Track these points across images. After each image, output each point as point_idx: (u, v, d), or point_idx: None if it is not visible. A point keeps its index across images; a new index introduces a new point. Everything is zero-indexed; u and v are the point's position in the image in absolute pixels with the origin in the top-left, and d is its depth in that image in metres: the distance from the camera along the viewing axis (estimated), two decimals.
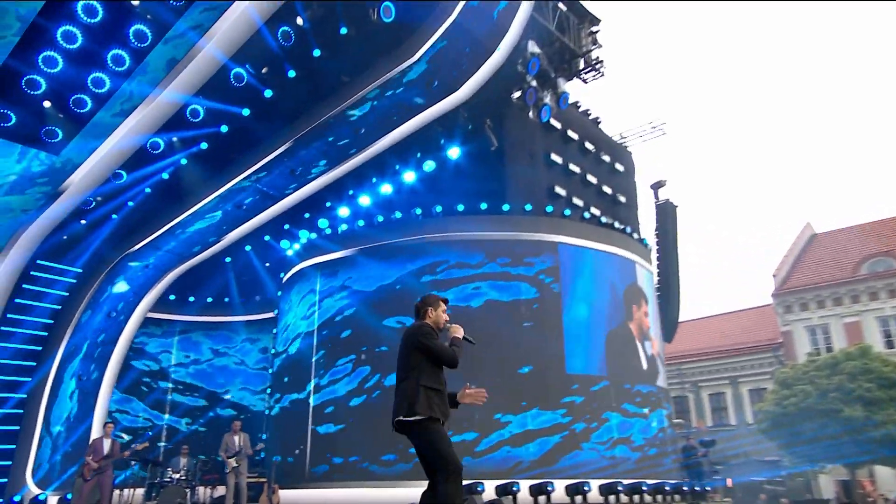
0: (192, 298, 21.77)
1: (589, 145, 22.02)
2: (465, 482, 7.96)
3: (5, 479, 17.65)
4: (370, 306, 17.82)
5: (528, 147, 19.95)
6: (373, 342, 17.47)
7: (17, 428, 18.10)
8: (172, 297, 21.46)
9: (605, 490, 14.18)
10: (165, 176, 16.47)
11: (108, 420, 16.38)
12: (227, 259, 21.27)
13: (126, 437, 19.29)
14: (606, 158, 22.86)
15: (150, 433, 20.48)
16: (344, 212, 19.46)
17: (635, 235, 20.98)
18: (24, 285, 17.28)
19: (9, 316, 17.47)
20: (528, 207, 18.65)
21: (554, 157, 20.56)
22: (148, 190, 16.66)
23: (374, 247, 18.36)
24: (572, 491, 13.53)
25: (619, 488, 14.24)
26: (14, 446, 17.98)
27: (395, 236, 18.25)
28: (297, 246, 20.39)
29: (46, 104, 13.15)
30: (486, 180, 18.71)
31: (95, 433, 18.26)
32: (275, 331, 21.08)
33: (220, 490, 15.83)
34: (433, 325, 5.76)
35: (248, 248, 21.04)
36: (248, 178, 17.19)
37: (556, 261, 18.06)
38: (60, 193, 15.44)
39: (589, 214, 20.46)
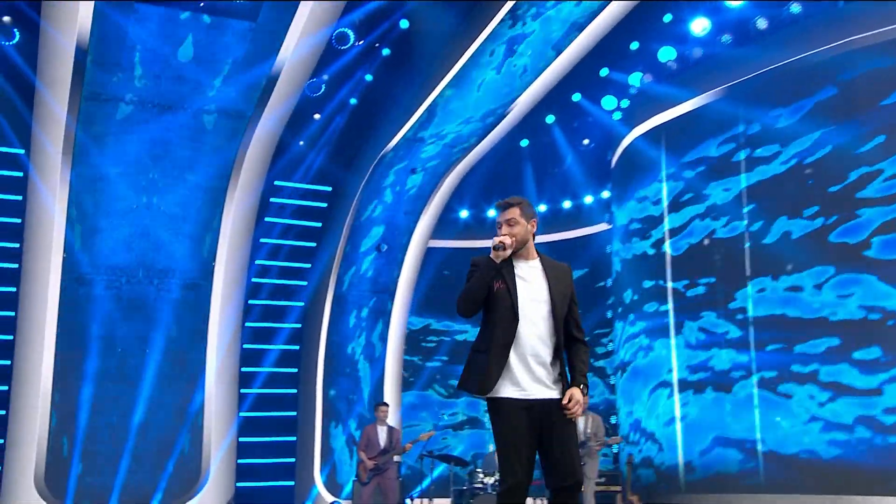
0: (464, 214, 15.81)
1: None
2: None
3: (292, 482, 13.66)
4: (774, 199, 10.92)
5: None
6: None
7: (294, 414, 13.95)
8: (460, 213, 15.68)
9: None
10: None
11: (382, 401, 11.92)
12: (524, 142, 14.98)
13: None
14: None
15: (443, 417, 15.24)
16: (700, 25, 12.08)
17: None
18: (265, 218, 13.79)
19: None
20: None
21: None
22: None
23: (769, 74, 11.16)
24: None
25: None
26: (295, 437, 13.86)
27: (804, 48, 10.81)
28: (626, 102, 13.66)
29: None
30: None
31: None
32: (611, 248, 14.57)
33: None
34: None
35: (549, 119, 14.50)
36: None
37: None
38: None
39: None
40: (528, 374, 3.73)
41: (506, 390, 3.73)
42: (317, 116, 13.37)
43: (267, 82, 12.06)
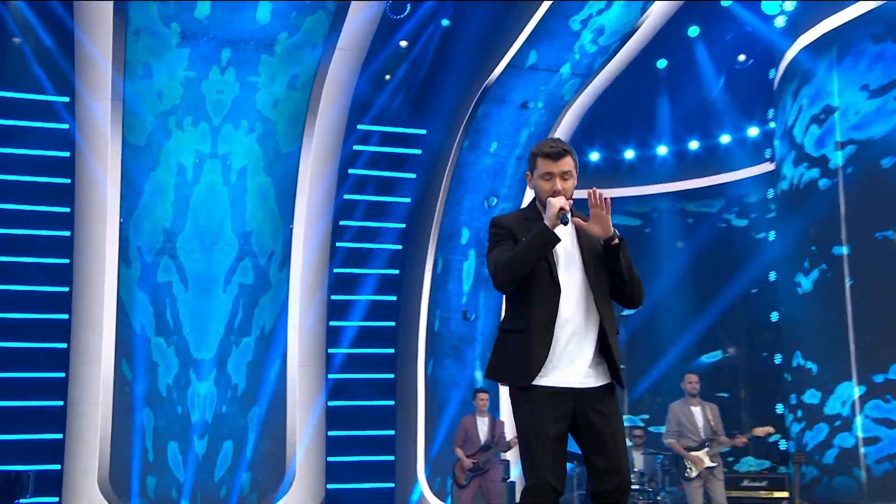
0: (595, 156, 13.14)
1: None
2: None
3: (391, 484, 11.65)
4: None
5: None
6: None
7: (392, 403, 11.91)
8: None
9: None
10: None
11: (480, 387, 9.80)
12: (661, 63, 12.22)
13: None
14: None
15: None
16: None
17: None
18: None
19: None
20: None
21: None
22: None
23: None
24: None
25: None
26: (392, 432, 11.83)
27: None
28: (788, 4, 10.75)
29: None
30: None
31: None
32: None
33: None
34: (533, 202, 3.36)
35: (693, 31, 11.68)
36: None
37: None
38: None
39: None
40: (567, 359, 3.22)
41: (544, 377, 3.21)
42: (403, 44, 11.21)
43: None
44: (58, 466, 10.33)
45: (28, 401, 10.28)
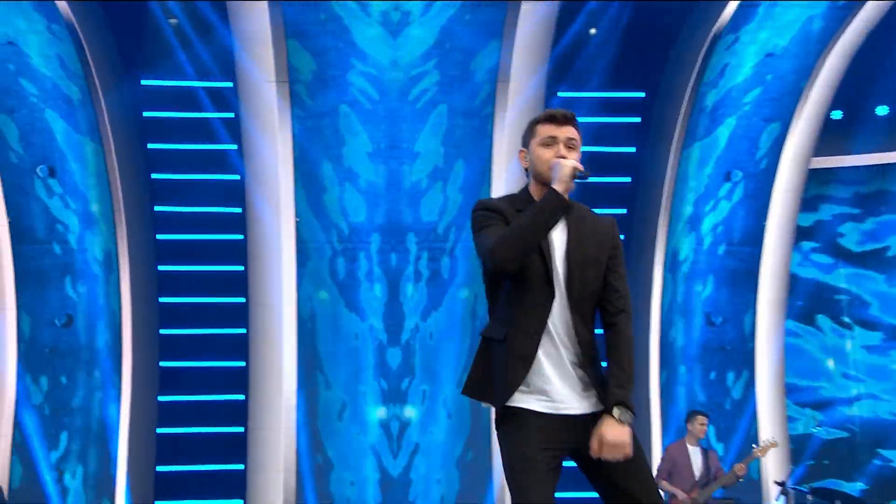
0: (883, 111, 10.31)
1: None
2: None
3: None
4: None
5: None
6: None
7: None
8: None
9: None
10: None
11: (698, 409, 8.15)
12: None
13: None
14: None
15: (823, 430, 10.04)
16: None
17: None
18: None
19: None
20: None
21: None
22: None
23: None
24: None
25: None
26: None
27: None
28: None
29: None
30: None
31: None
32: None
33: None
34: (530, 187, 2.92)
35: None
36: None
37: None
38: None
39: None
40: (560, 375, 2.77)
41: (529, 399, 2.76)
42: None
43: None
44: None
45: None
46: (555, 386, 2.76)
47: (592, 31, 9.43)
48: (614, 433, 2.68)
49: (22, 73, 8.87)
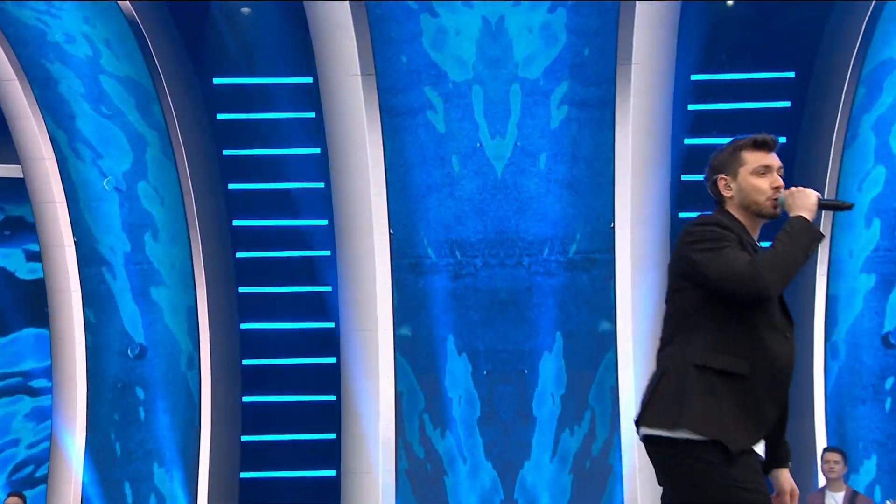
0: None
1: None
2: None
3: None
4: None
5: None
6: None
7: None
8: None
9: None
10: None
11: (831, 447, 7.51)
12: None
13: None
14: None
15: None
16: None
17: None
18: None
19: None
20: None
21: None
22: None
23: None
24: None
25: None
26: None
27: None
28: None
29: None
30: None
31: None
32: None
33: None
34: (734, 214, 2.84)
35: None
36: None
37: None
38: None
39: None
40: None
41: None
42: None
43: None
44: None
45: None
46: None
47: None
48: (795, 487, 2.82)
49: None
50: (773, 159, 2.82)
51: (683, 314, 2.78)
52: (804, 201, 2.70)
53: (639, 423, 2.76)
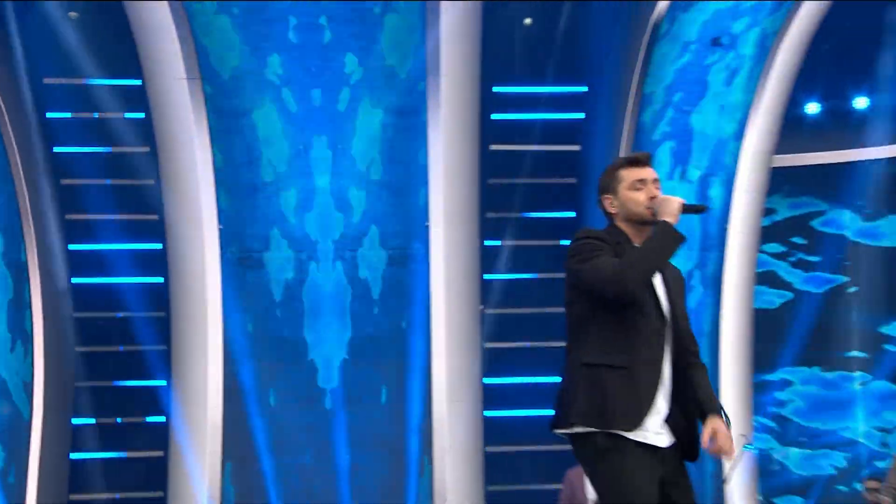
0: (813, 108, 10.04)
1: None
2: None
3: None
4: None
5: None
6: None
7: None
8: None
9: None
10: None
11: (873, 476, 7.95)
12: None
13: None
14: None
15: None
16: None
17: None
18: None
19: None
20: None
21: None
22: None
23: None
24: None
25: None
26: None
27: None
28: None
29: None
30: None
31: None
32: None
33: None
34: (621, 227, 3.14)
35: None
36: None
37: None
38: None
39: None
40: (657, 409, 2.96)
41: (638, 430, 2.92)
42: None
43: None
44: None
45: None
46: (655, 417, 2.94)
47: (527, 20, 8.90)
48: (725, 428, 2.97)
49: None
50: (648, 172, 3.09)
51: (577, 324, 3.06)
52: (668, 207, 2.97)
53: (552, 426, 3.06)
